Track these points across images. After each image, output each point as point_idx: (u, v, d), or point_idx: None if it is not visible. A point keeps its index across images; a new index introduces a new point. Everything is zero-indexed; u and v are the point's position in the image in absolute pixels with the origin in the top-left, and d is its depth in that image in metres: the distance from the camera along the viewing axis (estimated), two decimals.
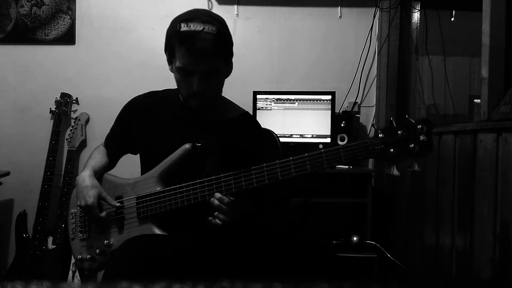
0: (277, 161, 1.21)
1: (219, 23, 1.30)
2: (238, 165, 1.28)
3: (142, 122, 1.45)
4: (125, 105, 1.52)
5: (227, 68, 1.39)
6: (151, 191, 1.35)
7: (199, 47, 1.23)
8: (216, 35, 1.26)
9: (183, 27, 1.24)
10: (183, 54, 1.26)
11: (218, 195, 1.24)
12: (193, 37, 1.23)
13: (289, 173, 1.20)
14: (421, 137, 1.11)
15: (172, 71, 1.37)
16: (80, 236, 1.46)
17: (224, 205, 1.23)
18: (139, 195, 1.37)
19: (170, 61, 1.35)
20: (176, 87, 1.40)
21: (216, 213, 1.25)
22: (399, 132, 1.13)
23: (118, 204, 1.39)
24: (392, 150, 1.13)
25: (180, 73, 1.30)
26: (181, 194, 1.30)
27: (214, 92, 1.36)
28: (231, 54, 1.39)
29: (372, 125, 1.34)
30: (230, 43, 1.36)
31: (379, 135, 1.14)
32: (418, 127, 1.12)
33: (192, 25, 1.23)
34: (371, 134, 2.67)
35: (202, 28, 1.23)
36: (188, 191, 1.29)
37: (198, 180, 1.28)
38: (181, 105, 1.43)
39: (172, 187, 1.32)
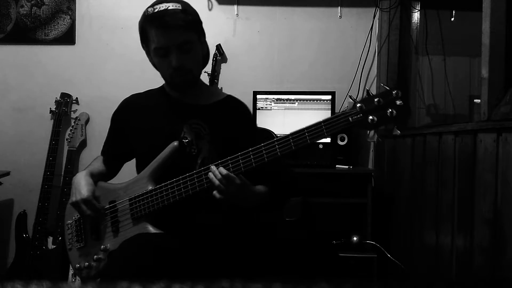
0: (262, 144, 1.24)
1: (183, 2, 1.38)
2: (230, 144, 1.36)
3: (133, 121, 1.48)
4: (114, 112, 1.56)
5: (201, 45, 1.44)
6: (142, 191, 1.36)
7: (168, 21, 1.32)
8: (182, 10, 1.34)
9: (150, 11, 1.35)
10: (156, 33, 1.34)
11: (214, 168, 1.24)
12: (161, 15, 1.32)
13: (274, 153, 1.22)
14: (398, 102, 1.16)
15: (152, 62, 1.44)
16: (77, 246, 1.47)
17: (221, 175, 1.23)
18: (131, 196, 1.38)
19: (148, 51, 1.43)
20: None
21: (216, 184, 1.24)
22: (376, 100, 1.17)
23: (104, 206, 1.40)
24: (371, 117, 1.17)
25: (158, 55, 1.37)
26: (172, 189, 1.31)
27: (193, 66, 1.40)
28: (202, 31, 1.44)
29: (350, 97, 1.36)
30: (198, 19, 1.42)
31: (357, 105, 1.17)
32: (394, 92, 1.16)
33: (157, 7, 1.34)
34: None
35: (167, 6, 1.33)
36: (178, 185, 1.30)
37: (187, 174, 1.29)
38: (166, 95, 1.49)
39: (163, 184, 1.33)
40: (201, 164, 1.39)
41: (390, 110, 1.15)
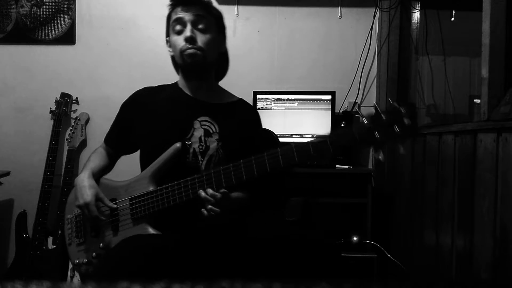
0: (264, 153, 1.22)
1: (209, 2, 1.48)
2: (238, 144, 1.38)
3: (142, 115, 1.47)
4: (124, 102, 1.55)
5: (219, 39, 1.47)
6: (143, 191, 1.36)
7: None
8: (207, 1, 1.46)
9: None
10: (176, 8, 1.43)
11: (210, 191, 1.25)
12: None
13: (277, 164, 1.21)
14: (406, 121, 1.12)
15: (170, 54, 1.48)
16: (76, 241, 1.47)
17: (216, 198, 1.23)
18: (132, 196, 1.38)
19: (169, 39, 1.46)
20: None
21: (208, 206, 1.25)
22: (383, 116, 1.14)
23: (114, 206, 1.40)
24: (377, 135, 1.14)
25: (174, 31, 1.41)
26: (173, 192, 1.31)
27: (206, 47, 1.40)
28: (222, 28, 1.50)
29: (357, 110, 1.34)
30: (220, 15, 1.49)
31: (364, 121, 1.15)
32: (402, 110, 1.13)
33: None
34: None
35: None
36: (179, 189, 1.30)
37: (188, 178, 1.29)
38: (179, 91, 1.49)
39: (164, 186, 1.33)
40: (207, 161, 1.39)
41: (397, 128, 1.12)
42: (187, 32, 1.38)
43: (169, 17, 1.46)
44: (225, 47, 1.53)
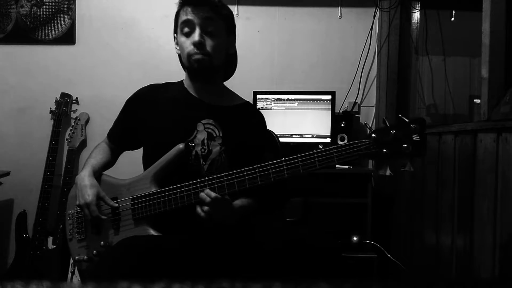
0: (269, 162, 1.21)
1: (221, 1, 1.44)
2: (241, 149, 1.36)
3: (146, 113, 1.46)
4: (129, 98, 1.53)
5: (228, 40, 1.44)
6: (145, 192, 1.35)
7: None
8: (218, 1, 1.41)
9: None
10: (185, 9, 1.37)
11: (206, 190, 1.24)
12: None
13: (281, 174, 1.19)
14: (414, 137, 1.10)
15: (178, 53, 1.44)
16: (77, 237, 1.47)
17: (210, 198, 1.22)
18: (134, 196, 1.37)
19: (176, 37, 1.42)
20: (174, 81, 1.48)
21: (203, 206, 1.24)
22: (392, 131, 1.11)
23: (116, 205, 1.39)
24: (384, 150, 1.11)
25: (182, 32, 1.38)
26: (175, 195, 1.29)
27: (213, 53, 1.37)
28: (232, 29, 1.46)
29: (365, 124, 1.31)
30: (230, 15, 1.45)
31: (372, 135, 1.13)
32: (412, 126, 1.10)
33: None
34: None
35: None
36: (182, 192, 1.29)
37: (191, 181, 1.28)
38: (184, 91, 1.47)
39: (166, 188, 1.31)
40: (209, 165, 1.38)
41: (405, 145, 1.10)
42: (196, 36, 1.34)
43: (177, 15, 1.41)
44: (234, 48, 1.50)
